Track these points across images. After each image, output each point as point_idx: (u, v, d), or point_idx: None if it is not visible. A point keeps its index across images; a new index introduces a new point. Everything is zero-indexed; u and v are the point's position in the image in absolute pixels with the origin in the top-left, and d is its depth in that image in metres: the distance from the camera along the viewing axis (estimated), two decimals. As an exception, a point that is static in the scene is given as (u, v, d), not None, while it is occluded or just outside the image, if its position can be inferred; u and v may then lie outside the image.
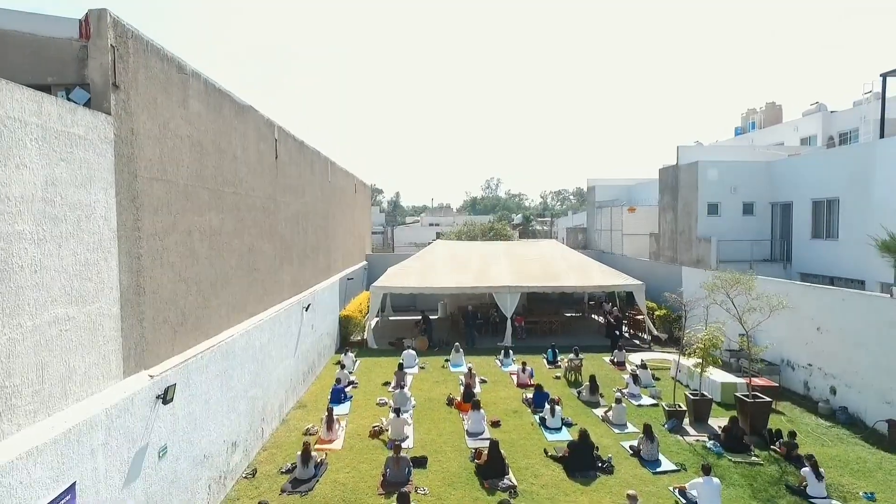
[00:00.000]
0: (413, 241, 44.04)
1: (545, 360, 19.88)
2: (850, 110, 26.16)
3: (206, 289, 9.74)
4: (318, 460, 11.02)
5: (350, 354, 19.04)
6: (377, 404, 15.22)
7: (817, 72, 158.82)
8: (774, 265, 20.59)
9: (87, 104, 6.77)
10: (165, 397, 7.66)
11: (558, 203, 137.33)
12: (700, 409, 13.69)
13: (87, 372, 6.36)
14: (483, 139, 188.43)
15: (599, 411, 14.50)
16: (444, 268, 24.58)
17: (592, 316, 28.91)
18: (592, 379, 15.43)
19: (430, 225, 59.72)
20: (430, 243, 31.51)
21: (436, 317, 29.13)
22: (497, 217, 45.95)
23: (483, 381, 17.28)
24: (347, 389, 16.37)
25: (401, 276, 23.59)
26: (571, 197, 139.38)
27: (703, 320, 14.29)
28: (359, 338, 22.64)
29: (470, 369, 16.77)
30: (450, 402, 15.22)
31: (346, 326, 22.35)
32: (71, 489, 5.85)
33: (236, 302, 11.21)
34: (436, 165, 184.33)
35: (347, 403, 15.17)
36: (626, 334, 23.75)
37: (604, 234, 33.53)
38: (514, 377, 17.55)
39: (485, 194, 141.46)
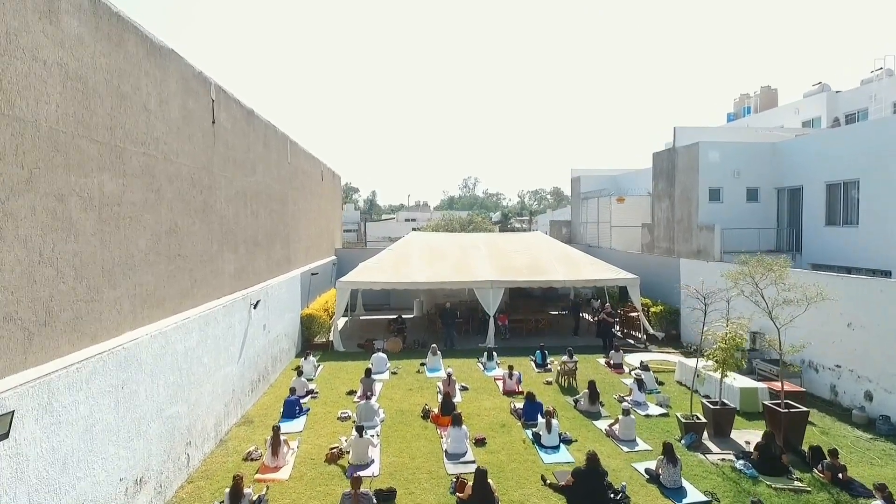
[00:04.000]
0: (388, 236, 41.52)
1: (533, 363, 17.68)
2: (857, 90, 24.57)
3: (95, 276, 7.22)
4: (255, 497, 8.57)
5: (311, 359, 16.56)
6: (338, 418, 12.79)
7: (811, 54, 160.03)
8: (782, 256, 18.71)
9: None
10: (-4, 432, 5.18)
11: (535, 202, 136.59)
12: (722, 421, 11.60)
13: None
14: (460, 138, 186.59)
15: (602, 424, 12.32)
16: (419, 261, 22.24)
17: (581, 314, 26.84)
18: (592, 385, 13.24)
19: (407, 220, 57.31)
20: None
21: (411, 315, 26.81)
22: (476, 213, 43.72)
23: (464, 389, 14.98)
24: (305, 400, 13.91)
25: (372, 271, 21.17)
26: (549, 196, 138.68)
27: (724, 315, 12.18)
28: (324, 339, 20.14)
29: (449, 375, 14.47)
30: (426, 414, 12.89)
31: (308, 327, 19.83)
32: None
33: (148, 295, 8.69)
34: (413, 164, 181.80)
35: (302, 418, 12.71)
36: (619, 333, 21.71)
37: (590, 226, 31.57)
38: (500, 383, 15.30)
39: (462, 193, 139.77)
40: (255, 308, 13.57)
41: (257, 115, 15.03)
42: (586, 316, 26.28)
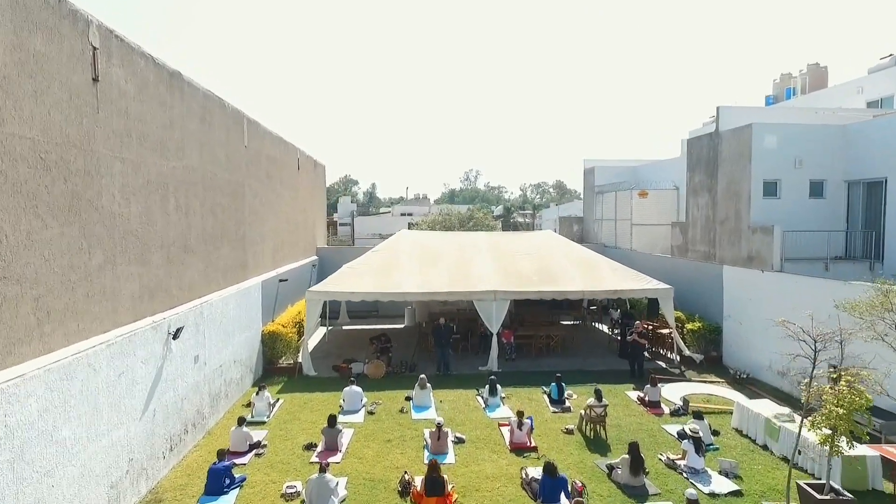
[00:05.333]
0: (379, 232, 37.88)
1: (546, 398, 14.14)
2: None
3: None
4: None
5: (265, 394, 13.02)
6: (283, 496, 9.25)
7: (856, 32, 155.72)
8: (856, 264, 15.14)
9: None
10: None
11: (538, 196, 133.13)
12: (832, 517, 8.05)
13: None
14: (462, 130, 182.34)
15: (651, 510, 8.79)
16: (410, 265, 18.66)
17: (596, 325, 23.30)
18: (634, 450, 9.61)
19: (403, 215, 53.56)
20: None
21: (402, 326, 23.28)
22: (477, 207, 40.03)
23: (459, 441, 11.44)
24: (245, 461, 10.39)
25: (351, 278, 17.61)
26: (551, 189, 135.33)
27: (833, 364, 8.60)
28: (290, 362, 16.61)
29: (439, 427, 10.90)
30: (404, 488, 9.36)
31: (271, 347, 16.29)
32: None
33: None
34: (414, 157, 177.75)
35: (233, 495, 9.17)
36: (647, 353, 18.10)
37: (606, 224, 27.92)
38: (506, 430, 11.77)
39: (463, 186, 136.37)
40: (174, 338, 9.99)
41: (189, 80, 11.41)
42: (603, 327, 22.79)
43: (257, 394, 12.92)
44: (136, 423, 8.78)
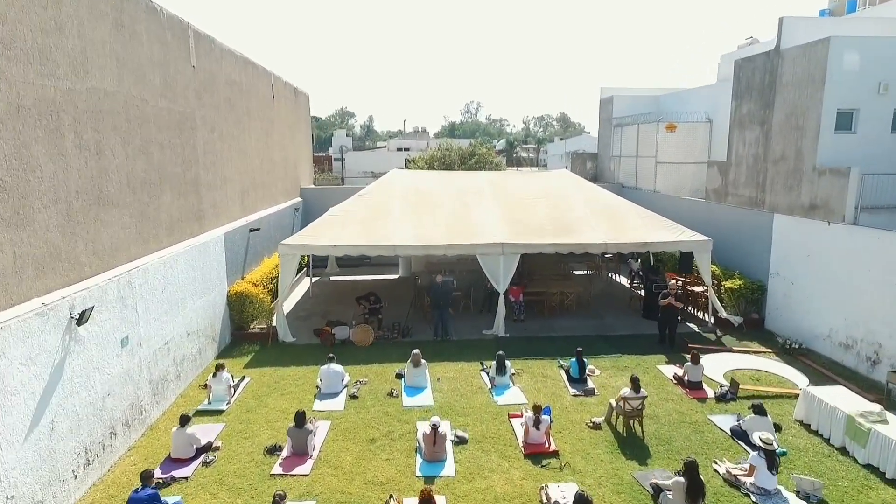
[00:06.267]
0: (371, 171, 34.61)
1: (563, 375, 11.85)
2: None
3: None
4: None
5: (224, 375, 10.67)
6: (227, 535, 7.05)
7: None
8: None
9: None
10: None
11: (541, 129, 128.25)
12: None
13: None
14: (462, 60, 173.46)
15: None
16: (402, 212, 15.95)
17: (612, 276, 20.86)
18: (692, 472, 7.17)
19: (399, 150, 49.85)
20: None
21: (395, 277, 20.87)
22: (479, 141, 36.64)
23: (460, 441, 9.18)
24: (188, 472, 8.16)
25: (334, 227, 14.95)
26: (555, 123, 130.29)
27: None
28: (263, 326, 14.25)
29: (435, 429, 8.56)
30: (388, 519, 7.15)
31: (239, 311, 13.87)
32: None
33: None
34: (412, 88, 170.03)
35: (160, 535, 6.95)
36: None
37: (625, 161, 24.91)
38: (518, 425, 9.53)
39: (464, 119, 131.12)
40: (79, 323, 7.46)
41: (91, -33, 8.28)
42: (620, 279, 20.37)
43: (214, 375, 10.59)
44: (14, 448, 6.40)
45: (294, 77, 19.91)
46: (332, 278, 20.67)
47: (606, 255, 21.32)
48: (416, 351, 11.46)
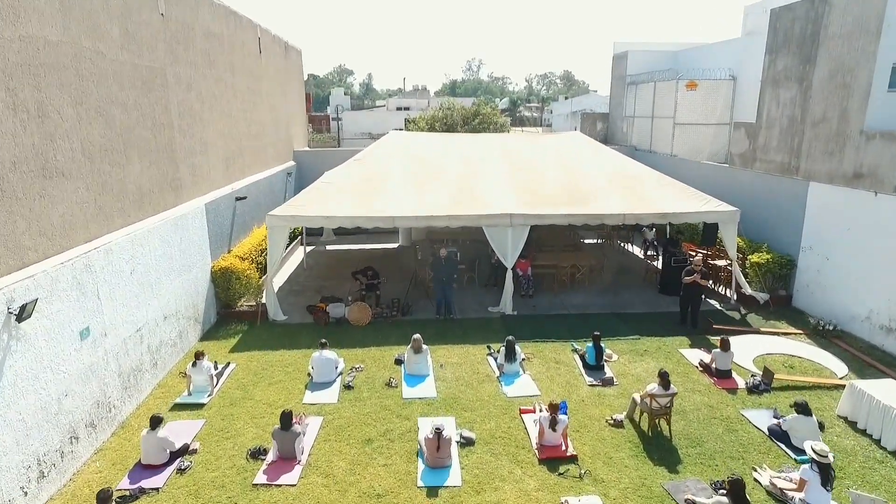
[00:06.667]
0: (369, 132, 32.92)
1: (578, 361, 10.83)
2: None
3: None
4: None
5: (204, 364, 9.64)
6: (199, 565, 6.11)
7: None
8: None
9: None
10: None
11: (544, 88, 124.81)
12: None
13: None
14: (465, 14, 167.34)
15: None
16: (401, 179, 14.67)
17: (624, 245, 19.69)
18: (737, 491, 6.17)
19: (399, 109, 47.87)
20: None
21: (395, 246, 19.72)
22: (483, 100, 34.81)
23: (466, 443, 8.20)
24: (160, 482, 7.21)
25: (327, 195, 13.70)
26: (558, 81, 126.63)
27: None
28: (252, 304, 13.19)
29: (439, 433, 7.54)
30: (385, 547, 6.20)
31: (225, 288, 12.78)
32: None
33: None
34: (413, 44, 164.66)
35: (122, 564, 6.02)
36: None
37: (639, 122, 23.37)
38: (530, 422, 8.56)
39: (466, 77, 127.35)
40: (19, 319, 6.34)
41: None
42: (633, 249, 19.20)
43: (194, 364, 9.56)
44: (-56, 472, 5.38)
45: (290, 33, 18.20)
46: (328, 247, 19.54)
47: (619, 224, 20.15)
48: (416, 335, 10.39)
